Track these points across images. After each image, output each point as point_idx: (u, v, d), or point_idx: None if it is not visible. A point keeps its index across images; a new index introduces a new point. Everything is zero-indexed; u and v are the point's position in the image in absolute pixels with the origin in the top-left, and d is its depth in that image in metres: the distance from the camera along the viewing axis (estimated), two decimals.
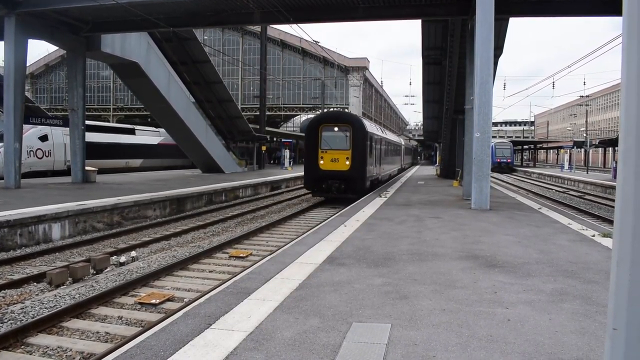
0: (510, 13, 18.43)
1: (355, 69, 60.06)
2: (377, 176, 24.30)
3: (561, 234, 10.82)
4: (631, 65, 1.91)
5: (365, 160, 20.44)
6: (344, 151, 20.24)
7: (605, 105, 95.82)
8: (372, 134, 21.90)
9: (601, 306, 5.59)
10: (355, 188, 20.15)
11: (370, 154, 21.39)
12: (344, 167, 20.16)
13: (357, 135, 20.18)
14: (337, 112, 24.26)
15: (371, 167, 21.94)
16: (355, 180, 20.14)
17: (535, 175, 51.25)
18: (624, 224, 1.94)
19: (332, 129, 20.61)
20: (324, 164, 20.35)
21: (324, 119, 21.42)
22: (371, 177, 22.11)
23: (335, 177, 20.23)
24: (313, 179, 20.85)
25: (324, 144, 20.47)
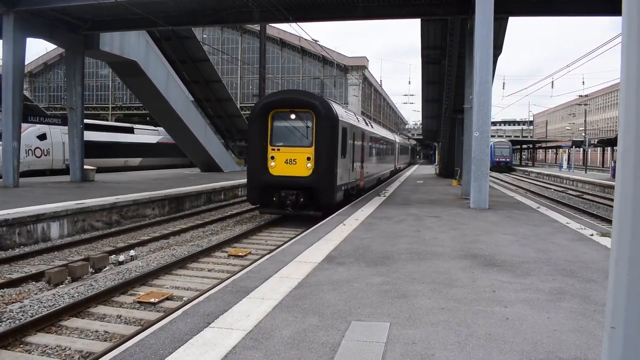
0: (510, 12, 18.43)
1: (355, 68, 60.02)
2: (355, 183, 18.27)
3: (560, 233, 10.83)
4: (631, 65, 1.91)
5: (334, 162, 14.54)
6: (304, 149, 14.46)
7: (604, 105, 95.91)
8: (347, 125, 16.10)
9: (599, 305, 5.60)
10: (319, 202, 14.48)
11: (343, 153, 15.67)
12: (303, 171, 14.38)
13: (323, 125, 14.37)
14: (294, 92, 17.10)
15: (345, 171, 16.04)
16: (320, 190, 14.33)
17: (534, 175, 51.30)
18: (622, 223, 1.95)
19: (286, 116, 14.84)
20: (275, 168, 14.58)
21: (276, 102, 14.99)
22: (345, 185, 16.31)
23: (292, 186, 14.40)
24: (259, 189, 14.70)
25: (275, 138, 14.77)
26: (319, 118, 14.37)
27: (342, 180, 15.58)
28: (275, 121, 14.82)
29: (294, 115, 14.71)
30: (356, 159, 18.19)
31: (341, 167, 15.26)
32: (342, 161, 15.34)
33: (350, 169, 16.92)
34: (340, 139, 14.93)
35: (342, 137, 15.34)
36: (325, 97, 16.03)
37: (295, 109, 14.68)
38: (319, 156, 14.34)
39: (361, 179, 19.65)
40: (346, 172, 16.24)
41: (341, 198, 15.62)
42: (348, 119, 16.68)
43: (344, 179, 15.97)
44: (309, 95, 15.46)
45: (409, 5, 19.06)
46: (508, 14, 18.52)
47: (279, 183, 14.50)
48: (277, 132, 14.84)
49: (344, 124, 15.53)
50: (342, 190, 15.76)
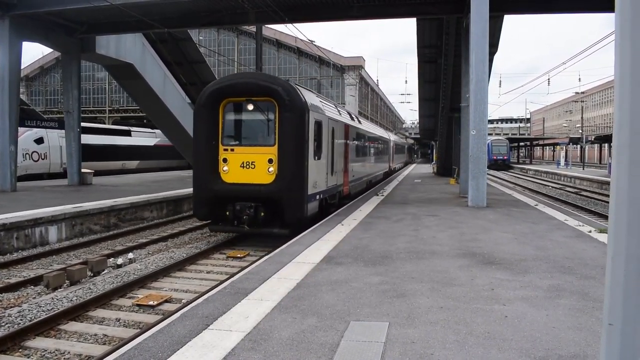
0: (505, 10, 18.44)
1: (351, 68, 60.05)
2: (336, 189, 15.30)
3: (558, 230, 10.85)
4: (624, 62, 1.92)
5: (304, 165, 11.57)
6: (265, 149, 11.52)
7: (600, 102, 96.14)
8: (322, 118, 13.11)
9: (598, 302, 5.61)
10: (285, 217, 11.41)
11: (318, 153, 12.70)
12: (264, 178, 11.40)
13: (288, 117, 11.34)
14: (251, 76, 13.69)
15: (320, 176, 13.09)
16: (285, 202, 11.29)
17: (532, 172, 51.40)
18: (618, 219, 1.95)
19: (242, 107, 11.82)
20: (229, 174, 11.66)
21: (227, 89, 11.86)
22: (321, 193, 13.22)
23: (250, 197, 11.39)
24: (209, 200, 11.70)
25: (227, 135, 11.90)
26: (283, 108, 11.22)
27: (317, 187, 12.56)
28: (227, 113, 11.84)
29: (252, 105, 11.58)
30: (337, 160, 15.20)
31: (315, 171, 12.29)
32: (315, 164, 12.38)
33: (328, 173, 13.87)
34: (312, 135, 11.97)
35: (316, 133, 12.42)
36: (292, 83, 12.16)
37: (253, 97, 11.54)
38: (284, 158, 11.20)
39: (345, 184, 16.73)
40: (322, 177, 13.20)
41: (315, 210, 12.51)
42: (324, 111, 13.54)
43: (319, 186, 12.84)
44: (270, 79, 11.93)
45: (404, 4, 19.06)
46: (503, 11, 18.53)
47: (233, 193, 11.47)
48: (230, 128, 11.93)
49: (317, 117, 12.49)
50: (317, 200, 12.64)
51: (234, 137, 11.95)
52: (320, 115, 12.89)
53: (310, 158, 11.83)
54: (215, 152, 11.71)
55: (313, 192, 12.18)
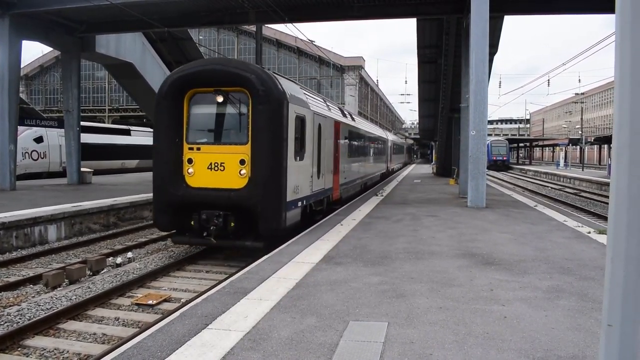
0: (505, 11, 18.46)
1: (351, 68, 60.09)
2: (324, 194, 13.70)
3: (557, 231, 10.85)
4: (624, 63, 1.92)
5: (282, 166, 9.96)
6: (237, 148, 9.96)
7: (600, 103, 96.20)
8: (305, 112, 11.41)
9: (597, 302, 5.62)
10: (259, 227, 9.79)
11: (299, 153, 11.05)
12: (235, 181, 9.87)
13: (263, 111, 9.78)
14: (220, 62, 11.13)
15: (304, 180, 11.41)
16: (260, 210, 9.70)
17: (531, 173, 51.42)
18: (618, 220, 1.95)
19: (210, 98, 10.24)
20: (194, 177, 10.11)
21: (193, 78, 10.26)
22: (305, 199, 11.53)
23: (218, 204, 9.86)
24: (170, 207, 10.21)
25: (193, 132, 10.36)
26: (257, 100, 9.70)
27: (298, 192, 10.89)
28: (192, 106, 10.31)
29: (221, 97, 10.04)
30: (325, 161, 13.49)
31: (296, 174, 10.67)
32: (297, 165, 10.76)
33: (313, 175, 12.17)
34: (292, 131, 10.38)
35: (298, 130, 10.89)
36: (269, 71, 10.51)
37: (223, 87, 9.99)
38: (258, 158, 9.67)
39: (335, 188, 15.05)
40: (305, 181, 11.50)
41: (296, 219, 10.87)
42: (308, 104, 11.88)
43: (302, 191, 11.17)
44: (241, 66, 10.16)
45: (404, 4, 19.08)
46: (504, 12, 18.55)
47: (199, 199, 9.90)
48: (195, 123, 10.37)
49: (299, 110, 10.91)
50: (298, 207, 10.95)
51: (200, 134, 10.39)
52: (303, 109, 11.22)
53: (290, 158, 10.17)
54: (178, 152, 10.17)
55: (293, 198, 10.51)
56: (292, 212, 10.50)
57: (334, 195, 15.12)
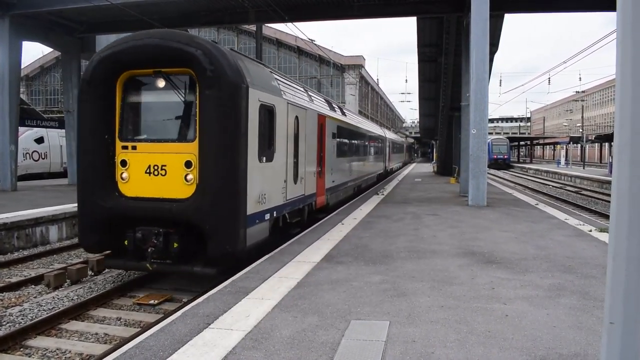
0: (506, 9, 18.46)
1: (351, 67, 60.04)
2: (305, 201, 11.58)
3: (558, 229, 10.85)
4: (625, 61, 1.92)
5: (238, 170, 7.74)
6: (182, 146, 7.89)
7: (601, 101, 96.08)
8: (275, 101, 9.30)
9: (598, 301, 5.62)
10: (208, 249, 7.60)
11: (266, 152, 8.86)
12: (179, 190, 7.79)
13: (214, 98, 7.61)
14: (158, 35, 7.90)
15: (274, 186, 9.33)
16: (209, 228, 7.55)
17: (532, 172, 51.39)
18: (619, 219, 1.95)
19: (149, 84, 8.30)
20: (129, 183, 8.08)
21: (126, 56, 8.04)
22: (276, 210, 9.41)
23: (157, 219, 7.80)
24: (99, 222, 8.14)
25: (127, 126, 8.32)
26: (205, 83, 7.52)
27: (265, 202, 8.64)
28: (127, 93, 8.20)
29: (162, 81, 8.01)
30: (306, 162, 11.41)
31: (261, 179, 8.48)
32: (262, 167, 8.55)
33: (287, 180, 9.99)
34: (254, 125, 8.12)
35: (264, 123, 8.68)
36: (224, 47, 8.21)
37: (164, 68, 7.88)
38: (208, 160, 7.49)
39: (319, 193, 12.97)
40: (276, 187, 9.36)
41: (264, 236, 8.67)
42: (281, 92, 9.78)
43: (272, 200, 9.04)
44: (185, 40, 7.73)
45: (404, 3, 19.08)
46: (504, 10, 18.54)
47: (134, 213, 7.82)
48: (131, 115, 8.29)
49: (266, 99, 8.71)
50: (266, 220, 8.75)
51: (136, 129, 8.32)
52: (272, 96, 9.06)
53: (251, 159, 7.92)
54: (109, 151, 8.02)
55: (258, 210, 8.27)
56: (256, 228, 8.19)
57: (319, 201, 12.97)
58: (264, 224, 8.71)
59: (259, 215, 8.44)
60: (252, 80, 8.08)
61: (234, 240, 7.57)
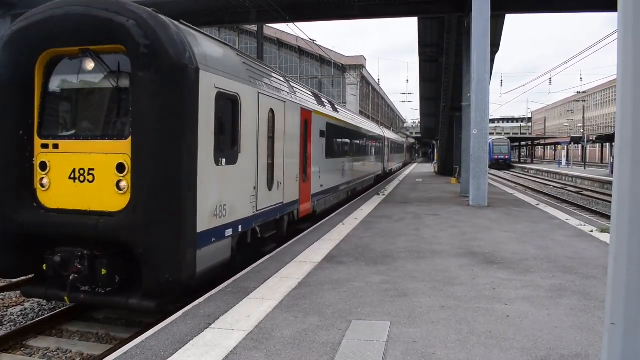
0: (506, 9, 18.46)
1: (352, 67, 60.09)
2: (280, 211, 9.71)
3: (559, 230, 10.84)
4: (626, 60, 1.92)
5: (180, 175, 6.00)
6: (112, 145, 6.18)
7: (602, 101, 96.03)
8: (237, 87, 7.53)
9: (599, 301, 5.61)
10: (143, 277, 5.87)
11: (228, 153, 7.22)
12: (109, 201, 6.07)
13: (151, 83, 5.90)
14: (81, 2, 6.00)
15: (235, 194, 7.49)
16: (144, 250, 5.83)
17: (533, 172, 51.35)
18: (620, 219, 1.95)
19: (75, 66, 6.48)
20: (50, 191, 6.36)
21: (48, 30, 6.26)
22: (239, 224, 7.58)
23: (82, 238, 6.09)
24: (12, 240, 6.36)
25: (49, 120, 6.64)
26: (139, 64, 5.96)
27: (226, 214, 7.02)
28: (49, 78, 6.56)
29: (91, 61, 6.35)
30: (286, 164, 9.90)
31: (220, 186, 6.87)
32: (222, 172, 6.95)
33: (259, 187, 8.29)
34: (209, 118, 6.55)
35: (224, 116, 7.10)
36: (165, 17, 6.76)
37: (91, 46, 6.24)
38: (144, 162, 5.94)
39: (304, 200, 11.36)
40: (243, 195, 7.72)
41: (223, 257, 6.98)
42: (248, 78, 8.03)
43: (236, 212, 7.36)
44: (114, 7, 6.14)
45: (404, 3, 19.09)
46: (504, 10, 18.55)
47: (54, 229, 6.27)
48: (53, 106, 6.72)
49: (227, 86, 7.09)
50: (227, 237, 7.05)
51: (59, 124, 6.74)
52: (236, 84, 7.38)
53: (204, 161, 6.30)
54: (25, 151, 6.38)
55: (215, 225, 6.62)
56: (211, 249, 6.53)
57: (302, 209, 11.27)
58: (224, 242, 6.96)
59: (217, 232, 6.67)
60: (205, 61, 6.48)
61: (177, 267, 5.86)
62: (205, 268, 6.39)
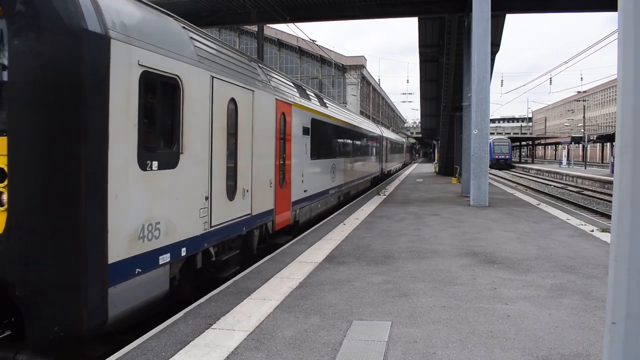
0: (507, 9, 18.47)
1: (353, 67, 60.10)
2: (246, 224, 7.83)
3: (560, 229, 10.84)
4: (627, 60, 1.92)
5: (77, 183, 4.26)
6: None
7: (602, 101, 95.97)
8: (173, 65, 5.57)
9: (600, 301, 5.61)
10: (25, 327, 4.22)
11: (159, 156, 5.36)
12: None
13: (29, 53, 4.14)
14: None
15: (177, 208, 5.67)
16: (19, 289, 4.16)
17: (534, 172, 51.33)
18: (621, 218, 1.95)
19: None
20: None
21: None
22: (179, 248, 5.69)
23: None
24: None
25: None
26: (16, 27, 4.21)
27: (166, 234, 5.44)
28: None
29: None
30: (256, 167, 8.19)
31: (148, 197, 5.18)
32: (151, 179, 5.24)
33: (214, 195, 6.62)
34: (129, 105, 4.91)
35: (156, 104, 5.53)
36: None
37: None
38: (23, 167, 4.26)
39: (281, 209, 9.70)
40: (189, 208, 6.02)
41: (162, 290, 5.47)
42: (196, 57, 6.28)
43: (178, 230, 5.71)
44: None
45: (405, 3, 19.10)
46: (505, 10, 18.56)
47: None
48: None
49: (155, 63, 5.30)
50: (160, 266, 5.33)
51: None
52: (175, 62, 5.64)
53: (121, 166, 4.78)
54: None
55: (141, 250, 5.04)
56: (136, 282, 4.95)
57: (280, 220, 9.59)
58: (157, 273, 5.25)
59: (144, 260, 5.03)
60: (123, 29, 4.79)
61: (72, 314, 4.29)
62: (127, 309, 4.77)
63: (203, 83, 6.36)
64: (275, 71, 10.88)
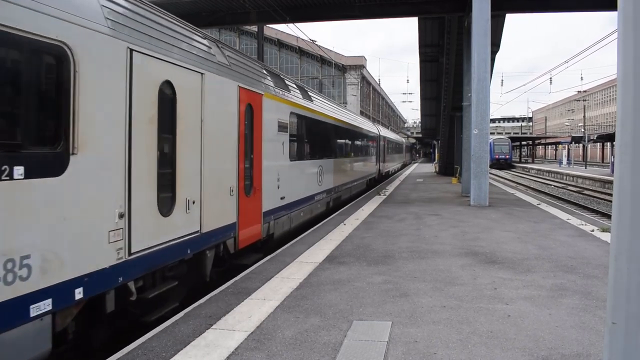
0: (507, 9, 18.47)
1: (353, 68, 60.10)
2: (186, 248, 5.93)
3: (560, 229, 10.83)
4: (627, 60, 1.92)
5: None
6: None
7: (603, 100, 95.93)
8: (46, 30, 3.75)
9: (601, 301, 5.61)
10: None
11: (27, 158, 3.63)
12: None
13: None
14: None
15: (66, 234, 3.98)
16: None
17: (534, 171, 51.31)
18: (621, 218, 1.95)
19: None
20: None
21: None
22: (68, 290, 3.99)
23: None
24: None
25: None
26: None
27: (41, 274, 3.74)
28: None
29: None
30: (208, 170, 6.53)
31: (7, 221, 3.49)
32: (6, 191, 3.45)
33: (135, 211, 4.90)
34: None
35: (12, 79, 3.63)
36: None
37: None
38: None
39: (247, 222, 7.99)
40: (87, 229, 4.27)
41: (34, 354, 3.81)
42: (103, 17, 4.52)
43: (66, 265, 3.99)
44: None
45: (404, 3, 19.11)
46: (505, 10, 18.56)
47: None
48: None
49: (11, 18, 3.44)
50: (39, 320, 3.78)
51: None
52: (59, 23, 3.94)
53: None
54: None
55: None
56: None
57: (245, 236, 7.90)
58: (27, 329, 3.74)
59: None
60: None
61: None
62: None
63: (114, 56, 4.69)
64: (243, 55, 9.16)
